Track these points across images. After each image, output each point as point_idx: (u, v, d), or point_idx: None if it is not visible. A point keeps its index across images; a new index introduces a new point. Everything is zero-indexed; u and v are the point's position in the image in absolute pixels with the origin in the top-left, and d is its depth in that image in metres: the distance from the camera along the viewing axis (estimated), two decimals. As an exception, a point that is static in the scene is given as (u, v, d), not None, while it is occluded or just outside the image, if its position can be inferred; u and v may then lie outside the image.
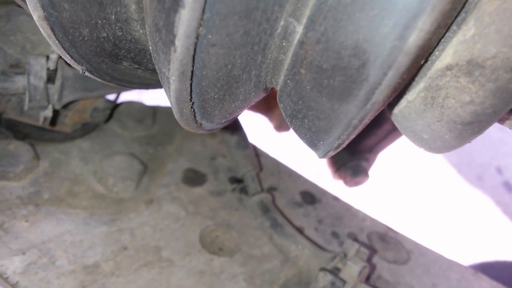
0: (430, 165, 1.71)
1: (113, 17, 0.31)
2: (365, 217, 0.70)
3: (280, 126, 0.90)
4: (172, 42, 0.22)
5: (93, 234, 0.54)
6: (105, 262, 0.51)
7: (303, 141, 0.29)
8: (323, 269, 0.48)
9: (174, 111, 0.28)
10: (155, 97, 0.88)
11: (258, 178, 0.65)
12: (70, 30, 0.32)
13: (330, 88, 0.23)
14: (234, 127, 0.68)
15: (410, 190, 1.58)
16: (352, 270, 0.48)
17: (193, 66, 0.23)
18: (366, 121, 0.23)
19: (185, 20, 0.20)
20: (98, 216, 0.56)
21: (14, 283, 0.47)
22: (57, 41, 0.32)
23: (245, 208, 0.62)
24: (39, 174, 0.59)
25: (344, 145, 0.26)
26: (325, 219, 0.67)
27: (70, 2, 0.30)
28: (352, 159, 0.81)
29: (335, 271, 0.48)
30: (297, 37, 0.23)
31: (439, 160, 1.74)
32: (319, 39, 0.22)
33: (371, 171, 0.83)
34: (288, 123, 0.29)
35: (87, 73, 0.37)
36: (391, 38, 0.19)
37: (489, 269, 1.19)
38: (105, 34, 0.32)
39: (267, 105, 0.87)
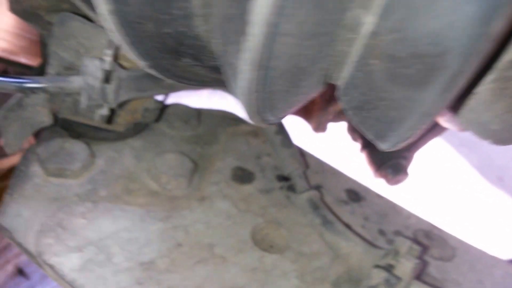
0: (451, 167, 1.75)
1: (177, 12, 0.32)
2: (409, 215, 0.70)
3: (318, 127, 0.90)
4: (245, 30, 0.22)
5: (149, 231, 0.55)
6: (161, 259, 0.53)
7: (368, 133, 0.29)
8: (377, 266, 0.48)
9: (242, 102, 0.28)
10: (197, 101, 0.90)
11: (305, 175, 0.65)
12: (135, 25, 0.32)
13: (406, 77, 0.23)
14: (278, 127, 0.68)
15: (434, 190, 1.61)
16: (406, 267, 0.48)
17: (264, 56, 0.23)
18: (442, 109, 0.24)
19: (261, 7, 0.21)
20: (154, 213, 0.57)
21: (71, 280, 0.49)
22: (121, 36, 0.33)
23: (293, 206, 0.63)
24: (95, 171, 0.61)
25: (413, 137, 0.27)
26: (371, 217, 0.67)
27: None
28: (391, 158, 0.81)
29: (389, 268, 0.48)
30: (367, 27, 0.23)
31: (460, 162, 1.78)
32: (393, 28, 0.22)
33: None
34: (350, 116, 0.30)
35: (148, 69, 0.38)
36: (473, 24, 0.20)
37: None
38: (168, 30, 0.33)
39: (305, 107, 0.87)
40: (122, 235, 0.54)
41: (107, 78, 0.47)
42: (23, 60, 0.87)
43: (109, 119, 0.56)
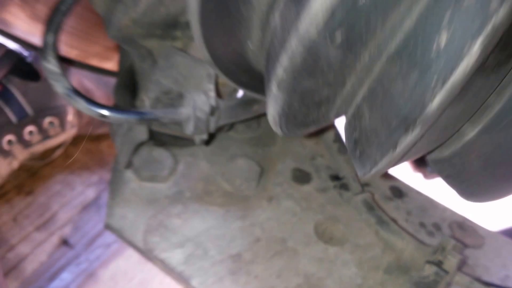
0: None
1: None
2: (445, 209, 0.80)
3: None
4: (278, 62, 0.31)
5: (232, 228, 0.66)
6: (245, 252, 0.64)
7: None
8: (429, 262, 0.59)
9: (268, 116, 0.37)
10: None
11: (357, 178, 0.76)
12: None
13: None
14: (336, 135, 0.78)
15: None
16: (452, 262, 0.59)
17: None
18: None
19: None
20: (233, 212, 0.68)
21: (180, 272, 0.60)
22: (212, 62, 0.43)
23: (347, 203, 0.74)
24: (178, 175, 0.72)
25: None
26: (413, 211, 0.77)
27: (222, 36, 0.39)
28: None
29: (438, 264, 0.59)
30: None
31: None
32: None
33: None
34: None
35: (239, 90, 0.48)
36: None
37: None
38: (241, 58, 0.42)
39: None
40: (212, 232, 0.65)
41: (212, 112, 0.57)
42: (94, 62, 0.96)
43: (207, 142, 0.66)
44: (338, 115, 0.38)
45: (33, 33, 0.86)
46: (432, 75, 0.27)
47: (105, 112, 0.53)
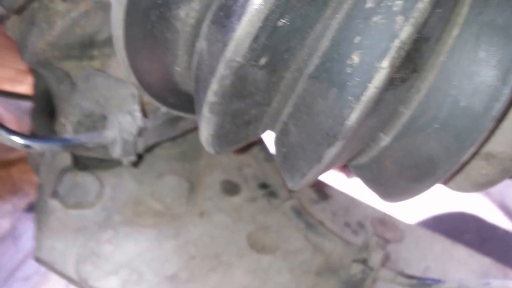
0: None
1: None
2: (366, 206, 0.86)
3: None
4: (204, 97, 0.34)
5: (165, 248, 0.66)
6: (181, 271, 0.64)
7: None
8: (355, 261, 0.63)
9: (201, 138, 0.39)
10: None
11: (284, 185, 0.78)
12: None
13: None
14: (262, 145, 0.81)
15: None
16: (375, 258, 0.64)
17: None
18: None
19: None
20: (165, 232, 0.68)
21: None
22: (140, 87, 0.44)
23: (276, 210, 0.76)
24: (105, 199, 0.70)
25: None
26: (338, 212, 0.82)
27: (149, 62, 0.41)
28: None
29: (364, 261, 0.63)
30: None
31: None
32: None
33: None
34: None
35: (165, 109, 0.49)
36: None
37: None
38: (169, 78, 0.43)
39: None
40: (145, 255, 0.64)
41: (140, 133, 0.56)
42: (6, 87, 0.91)
43: (135, 163, 0.65)
44: (265, 130, 0.40)
45: None
46: (348, 92, 0.29)
47: (29, 142, 0.50)
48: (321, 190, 0.85)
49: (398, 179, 0.37)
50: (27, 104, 0.84)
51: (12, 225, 1.30)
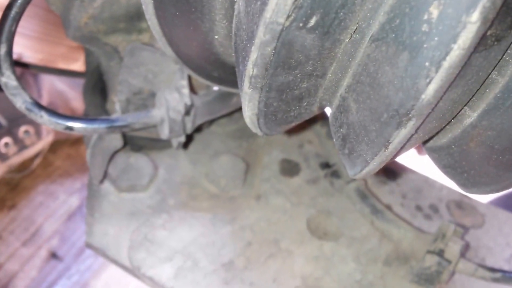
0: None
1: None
2: (441, 187, 0.77)
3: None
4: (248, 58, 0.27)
5: (221, 234, 0.62)
6: (238, 258, 0.60)
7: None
8: (430, 252, 0.56)
9: (245, 118, 0.33)
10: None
11: (349, 165, 0.72)
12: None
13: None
14: (323, 120, 0.74)
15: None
16: (454, 249, 0.56)
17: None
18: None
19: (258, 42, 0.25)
20: (220, 216, 0.64)
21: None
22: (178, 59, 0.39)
23: (339, 193, 0.70)
24: (159, 182, 0.67)
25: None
26: (408, 194, 0.74)
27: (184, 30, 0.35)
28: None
29: (440, 253, 0.56)
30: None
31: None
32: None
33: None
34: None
35: (215, 84, 0.44)
36: None
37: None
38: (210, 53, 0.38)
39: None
40: (200, 241, 0.61)
41: (187, 111, 0.52)
42: (61, 65, 0.91)
43: (184, 144, 0.61)
44: (322, 107, 0.34)
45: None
46: (424, 57, 0.23)
47: (71, 124, 0.48)
48: (389, 169, 0.77)
49: (486, 166, 0.30)
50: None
51: (82, 203, 1.34)
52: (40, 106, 0.47)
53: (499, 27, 0.24)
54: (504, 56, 0.26)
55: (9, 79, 0.47)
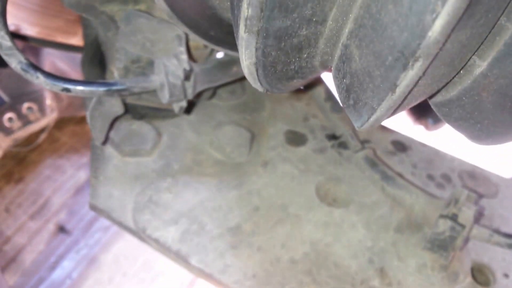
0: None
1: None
2: (453, 158, 0.75)
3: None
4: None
5: (228, 198, 0.61)
6: (245, 223, 0.59)
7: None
8: (443, 216, 0.54)
9: (244, 69, 0.31)
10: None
11: (355, 135, 0.70)
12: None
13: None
14: (327, 94, 0.72)
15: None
16: (467, 214, 0.54)
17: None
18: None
19: None
20: (227, 182, 0.63)
21: (177, 251, 0.55)
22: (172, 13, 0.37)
23: (348, 162, 0.68)
24: (163, 147, 0.66)
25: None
26: (419, 164, 0.72)
27: None
28: (431, 109, 0.86)
29: (453, 217, 0.54)
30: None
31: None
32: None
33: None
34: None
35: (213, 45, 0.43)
36: None
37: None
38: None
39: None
40: (206, 204, 0.60)
41: (187, 76, 0.51)
42: (59, 39, 0.89)
43: (187, 109, 0.60)
44: (324, 62, 0.32)
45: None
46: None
47: (67, 85, 0.47)
48: (398, 141, 0.75)
49: (500, 114, 0.28)
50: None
51: (89, 177, 1.34)
52: (36, 67, 0.46)
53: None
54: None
55: (3, 39, 0.46)
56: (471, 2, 0.21)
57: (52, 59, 1.11)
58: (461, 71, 0.29)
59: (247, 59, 0.29)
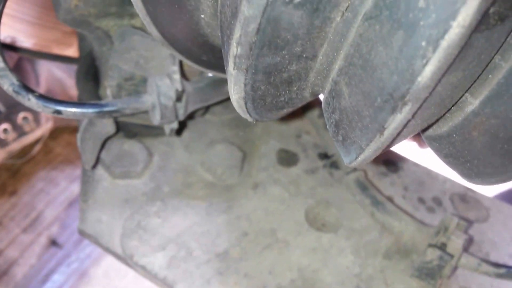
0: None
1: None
2: (445, 179, 0.75)
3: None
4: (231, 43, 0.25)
5: (217, 222, 0.61)
6: (233, 248, 0.59)
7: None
8: (431, 245, 0.54)
9: (233, 102, 0.31)
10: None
11: (348, 155, 0.70)
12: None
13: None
14: (320, 110, 0.72)
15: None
16: (456, 243, 0.54)
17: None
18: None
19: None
20: (216, 205, 0.63)
21: (163, 278, 0.55)
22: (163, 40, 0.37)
23: (338, 183, 0.68)
24: (154, 169, 0.66)
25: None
26: (410, 186, 0.72)
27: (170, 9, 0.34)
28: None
29: (442, 247, 0.54)
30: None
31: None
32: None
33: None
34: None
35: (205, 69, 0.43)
36: None
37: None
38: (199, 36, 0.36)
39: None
40: (195, 229, 0.59)
41: (179, 97, 0.51)
42: (55, 50, 0.89)
43: (178, 131, 0.60)
44: (314, 92, 0.32)
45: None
46: (420, 36, 0.21)
47: (59, 107, 0.47)
48: (390, 161, 0.75)
49: (490, 155, 0.28)
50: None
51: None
52: (28, 89, 0.45)
53: (502, 5, 0.22)
54: (508, 38, 0.24)
55: (-5, 60, 0.46)
56: (463, 46, 0.20)
57: (48, 67, 1.10)
58: (453, 108, 0.29)
59: (236, 93, 0.29)
